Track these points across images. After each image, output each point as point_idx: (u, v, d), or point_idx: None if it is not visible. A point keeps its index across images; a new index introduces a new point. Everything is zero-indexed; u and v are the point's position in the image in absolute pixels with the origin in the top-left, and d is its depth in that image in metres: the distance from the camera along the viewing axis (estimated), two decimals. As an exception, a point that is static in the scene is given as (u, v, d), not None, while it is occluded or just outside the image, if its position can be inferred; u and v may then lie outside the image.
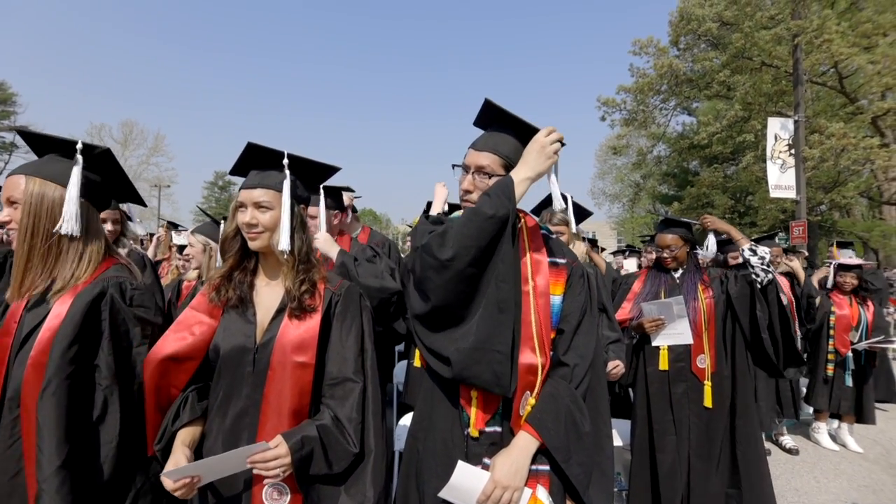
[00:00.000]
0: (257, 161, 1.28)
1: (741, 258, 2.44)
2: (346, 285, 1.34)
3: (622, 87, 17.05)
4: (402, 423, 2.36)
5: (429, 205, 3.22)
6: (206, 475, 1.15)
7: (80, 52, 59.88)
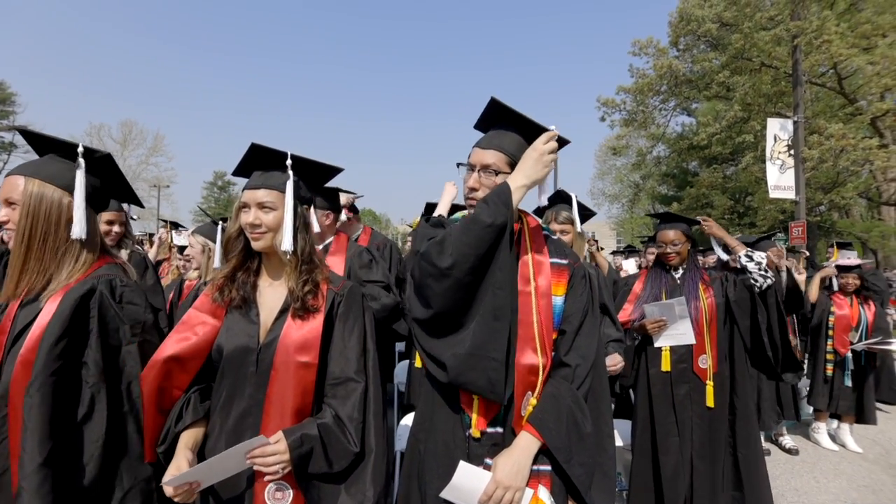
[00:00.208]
0: (261, 162, 1.28)
1: (738, 265, 2.43)
2: (348, 286, 1.35)
3: (622, 87, 17.08)
4: (404, 422, 2.36)
5: (428, 206, 3.22)
6: (206, 479, 1.15)
7: (80, 52, 59.92)
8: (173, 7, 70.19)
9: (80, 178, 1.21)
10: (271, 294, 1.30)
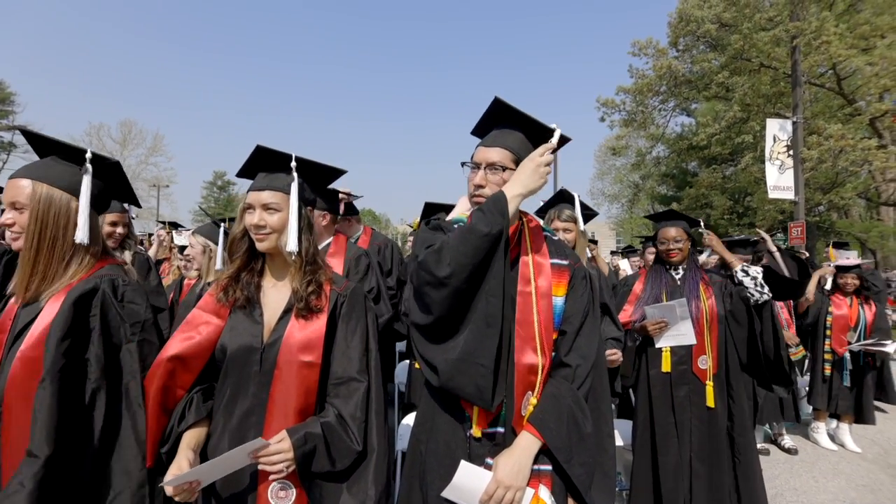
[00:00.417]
0: (265, 163, 1.30)
1: (735, 279, 2.43)
2: (351, 286, 1.36)
3: (621, 87, 17.09)
4: (405, 422, 2.37)
5: (427, 206, 3.23)
6: (206, 478, 1.16)
7: (80, 52, 59.80)
8: (173, 7, 70.13)
9: (86, 183, 1.23)
10: (275, 294, 1.31)
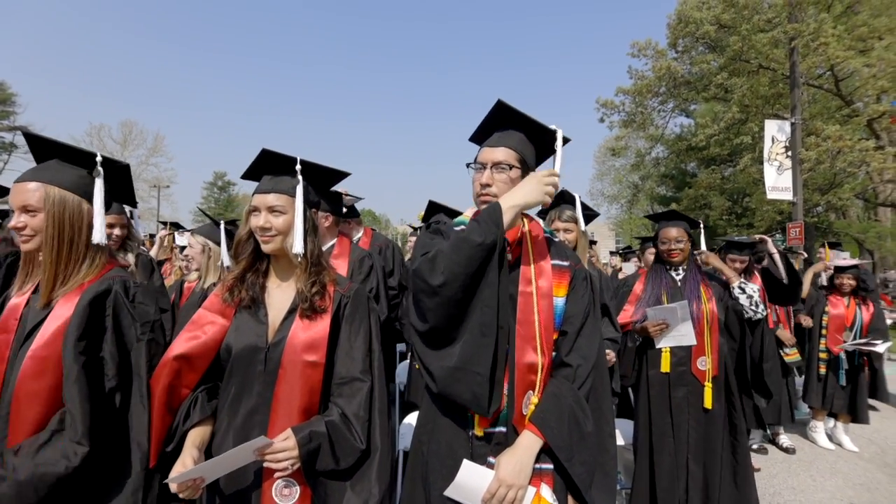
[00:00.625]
0: (270, 166, 1.31)
1: (732, 295, 2.45)
2: (354, 287, 1.37)
3: (621, 88, 17.12)
4: (406, 421, 2.38)
5: (431, 204, 3.24)
6: (211, 475, 1.17)
7: (80, 52, 59.73)
8: (173, 7, 70.12)
9: (98, 186, 1.25)
10: (279, 295, 1.33)
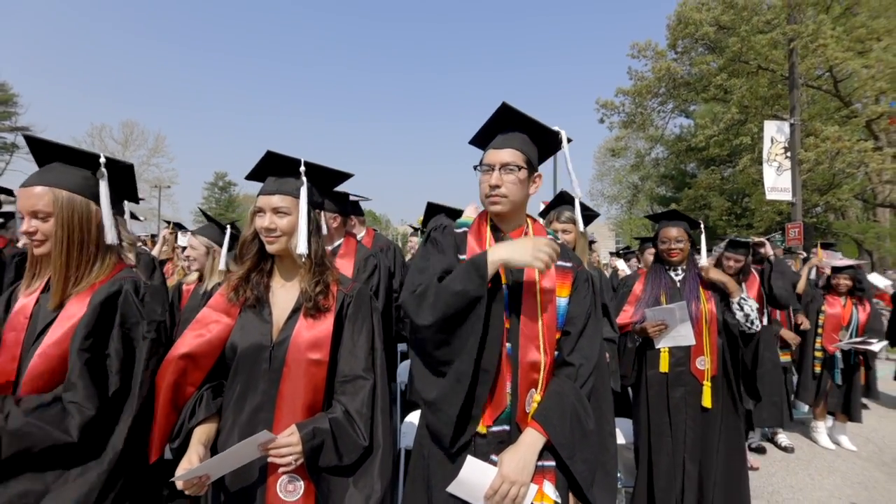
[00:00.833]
0: (275, 168, 1.33)
1: (731, 307, 2.42)
2: (357, 287, 1.39)
3: (621, 89, 17.19)
4: (408, 420, 2.40)
5: (429, 206, 3.26)
6: (216, 472, 1.19)
7: (81, 53, 59.82)
8: (173, 7, 70.17)
9: (104, 187, 1.27)
10: (284, 294, 1.35)
